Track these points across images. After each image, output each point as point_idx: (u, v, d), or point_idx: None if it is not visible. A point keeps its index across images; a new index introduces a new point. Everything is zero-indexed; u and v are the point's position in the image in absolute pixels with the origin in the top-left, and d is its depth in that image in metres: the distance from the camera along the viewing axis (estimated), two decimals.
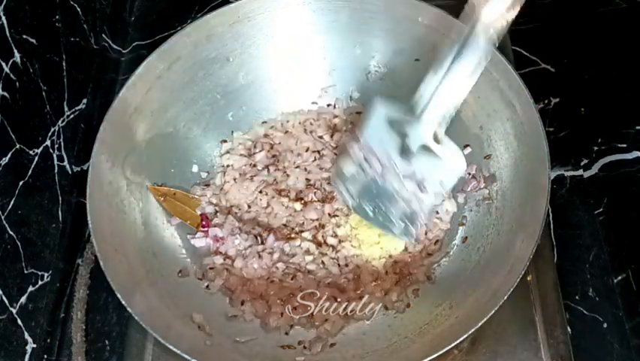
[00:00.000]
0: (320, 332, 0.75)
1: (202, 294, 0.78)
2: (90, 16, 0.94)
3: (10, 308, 0.71)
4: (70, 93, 0.86)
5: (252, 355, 0.72)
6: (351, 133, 0.86)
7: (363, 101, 0.91)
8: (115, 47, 1.03)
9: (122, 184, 0.76)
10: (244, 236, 0.81)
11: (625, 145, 0.85)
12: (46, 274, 0.79)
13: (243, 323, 0.77)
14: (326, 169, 0.86)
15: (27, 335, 0.74)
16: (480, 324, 0.63)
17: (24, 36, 0.75)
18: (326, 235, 0.81)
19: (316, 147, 0.88)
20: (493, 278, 0.70)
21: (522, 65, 0.96)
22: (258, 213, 0.84)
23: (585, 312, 0.80)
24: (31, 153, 0.76)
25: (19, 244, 0.73)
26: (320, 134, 0.89)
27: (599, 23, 0.98)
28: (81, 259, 0.85)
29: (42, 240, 0.78)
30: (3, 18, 0.70)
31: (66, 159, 0.85)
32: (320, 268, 0.80)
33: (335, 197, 0.83)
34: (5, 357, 0.70)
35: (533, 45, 0.99)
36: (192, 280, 0.79)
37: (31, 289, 0.75)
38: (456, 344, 0.63)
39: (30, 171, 0.76)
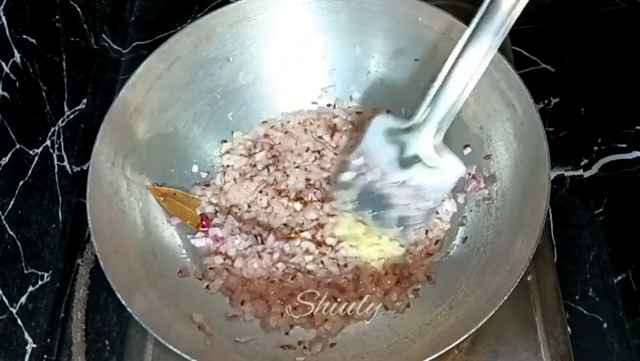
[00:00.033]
0: (320, 332, 0.75)
1: (202, 294, 0.78)
2: (90, 16, 0.94)
3: (10, 308, 0.71)
4: (70, 93, 0.86)
5: (252, 355, 0.72)
6: (351, 134, 0.88)
7: (363, 101, 0.91)
8: (115, 47, 1.03)
9: (122, 184, 0.76)
10: (244, 236, 0.81)
11: (625, 145, 0.85)
12: (46, 274, 0.79)
13: (243, 323, 0.77)
14: (326, 169, 0.87)
15: (27, 335, 0.74)
16: (480, 324, 0.63)
17: (24, 36, 0.74)
18: (325, 234, 0.82)
19: (316, 147, 0.88)
20: (493, 278, 0.70)
21: (522, 65, 0.96)
22: (257, 213, 0.84)
23: (585, 312, 0.80)
24: (31, 153, 0.76)
25: (19, 244, 0.73)
26: (320, 135, 0.89)
27: (599, 23, 0.98)
28: (81, 259, 0.85)
29: (42, 240, 0.78)
30: (3, 18, 0.70)
31: (66, 159, 0.85)
32: (320, 268, 0.80)
33: (334, 197, 0.83)
34: (5, 357, 0.70)
35: (533, 45, 0.99)
36: (192, 280, 0.79)
37: (31, 289, 0.75)
38: (456, 344, 0.63)
39: (30, 171, 0.76)
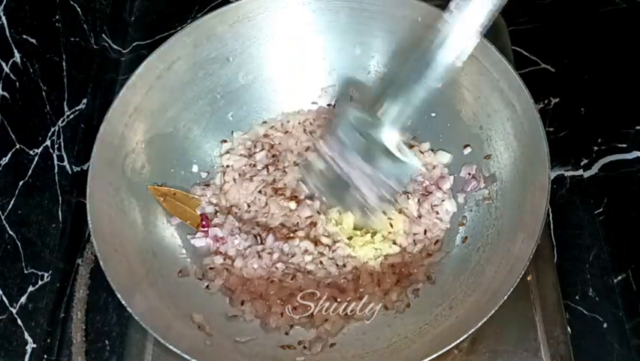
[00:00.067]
0: (320, 332, 0.75)
1: (202, 294, 0.78)
2: (90, 16, 0.94)
3: (10, 308, 0.71)
4: (70, 93, 0.86)
5: (252, 355, 0.72)
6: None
7: (363, 101, 0.90)
8: (115, 47, 1.03)
9: (122, 184, 0.76)
10: (244, 236, 0.81)
11: (625, 145, 0.85)
12: (46, 274, 0.79)
13: (243, 323, 0.77)
14: None
15: (27, 335, 0.74)
16: (480, 324, 0.63)
17: (24, 36, 0.75)
18: (318, 233, 0.81)
19: None
20: (493, 278, 0.70)
21: (522, 65, 0.96)
22: (256, 213, 0.84)
23: (585, 312, 0.80)
24: (31, 153, 0.76)
25: (19, 244, 0.73)
26: (320, 134, 0.89)
27: (599, 23, 0.98)
28: (81, 259, 0.85)
29: (42, 240, 0.78)
30: (3, 18, 0.70)
31: (66, 159, 0.85)
32: (319, 268, 0.80)
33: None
34: (5, 357, 0.70)
35: (533, 45, 0.99)
36: (192, 280, 0.79)
37: (31, 289, 0.75)
38: (456, 344, 0.63)
39: (30, 171, 0.76)
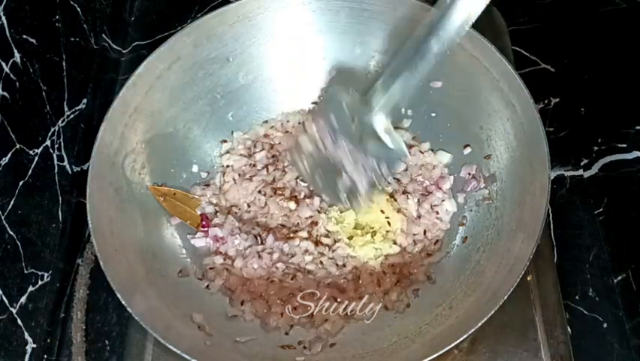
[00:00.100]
0: (320, 332, 0.75)
1: (202, 294, 0.78)
2: (90, 16, 0.94)
3: (10, 308, 0.71)
4: (70, 93, 0.86)
5: (252, 355, 0.72)
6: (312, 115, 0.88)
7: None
8: (115, 47, 1.03)
9: (122, 184, 0.76)
10: (244, 236, 0.81)
11: (625, 145, 0.85)
12: (46, 274, 0.79)
13: (243, 323, 0.77)
14: None
15: (27, 335, 0.74)
16: (480, 324, 0.63)
17: (24, 36, 0.74)
18: (319, 232, 0.82)
19: None
20: (493, 278, 0.70)
21: (522, 65, 0.96)
22: (256, 213, 0.84)
23: (585, 312, 0.80)
24: (31, 153, 0.76)
25: (19, 244, 0.73)
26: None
27: (599, 23, 0.98)
28: (81, 259, 0.85)
29: (42, 240, 0.78)
30: (3, 18, 0.70)
31: (66, 159, 0.85)
32: (319, 268, 0.80)
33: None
34: (5, 357, 0.70)
35: (533, 45, 0.99)
36: (192, 280, 0.79)
37: (31, 289, 0.75)
38: (456, 344, 0.63)
39: (30, 171, 0.76)
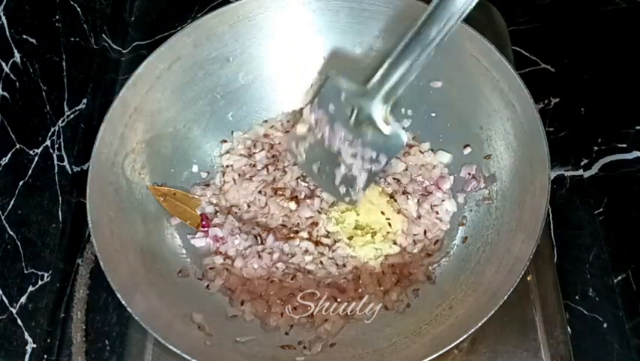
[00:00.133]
0: (320, 332, 0.75)
1: (202, 294, 0.78)
2: (90, 16, 0.94)
3: (10, 308, 0.71)
4: (70, 93, 0.86)
5: (252, 355, 0.72)
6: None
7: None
8: (115, 47, 1.03)
9: (122, 184, 0.76)
10: (244, 236, 0.81)
11: (625, 145, 0.85)
12: (46, 274, 0.79)
13: (243, 323, 0.77)
14: None
15: (27, 335, 0.74)
16: (480, 324, 0.63)
17: (24, 36, 0.75)
18: (320, 232, 0.82)
19: None
20: (493, 278, 0.70)
21: (522, 65, 0.96)
22: (256, 213, 0.85)
23: (585, 312, 0.80)
24: (31, 153, 0.76)
25: (19, 244, 0.73)
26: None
27: (599, 23, 0.98)
28: (81, 259, 0.85)
29: (42, 240, 0.78)
30: (3, 18, 0.70)
31: (66, 159, 0.85)
32: (319, 268, 0.80)
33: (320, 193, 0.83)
34: (5, 357, 0.70)
35: (533, 45, 0.99)
36: (192, 280, 0.79)
37: (31, 289, 0.75)
38: (456, 344, 0.63)
39: (30, 171, 0.76)
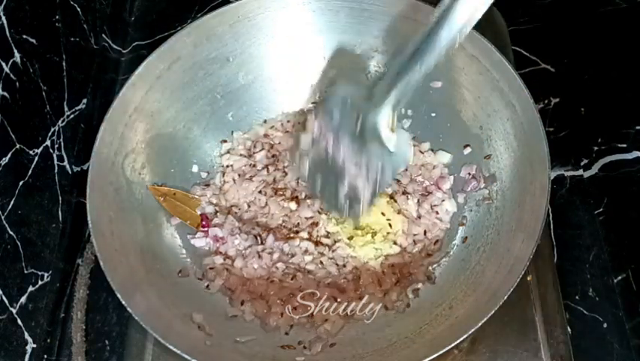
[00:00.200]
0: (320, 332, 0.75)
1: (202, 294, 0.78)
2: (90, 16, 0.94)
3: (10, 308, 0.71)
4: (70, 93, 0.86)
5: (252, 355, 0.72)
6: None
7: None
8: (115, 47, 1.03)
9: (122, 184, 0.76)
10: (244, 236, 0.81)
11: (625, 145, 0.85)
12: (46, 274, 0.79)
13: (243, 323, 0.77)
14: None
15: (27, 335, 0.74)
16: (480, 324, 0.63)
17: (24, 36, 0.74)
18: (320, 233, 0.82)
19: None
20: (493, 278, 0.70)
21: (522, 65, 0.96)
22: (256, 213, 0.85)
23: (585, 312, 0.80)
24: (31, 153, 0.76)
25: (19, 244, 0.73)
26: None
27: (599, 23, 0.98)
28: (81, 259, 0.85)
29: (42, 240, 0.78)
30: (3, 18, 0.70)
31: (66, 159, 0.85)
32: (319, 268, 0.80)
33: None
34: (5, 357, 0.70)
35: (533, 45, 0.99)
36: (192, 280, 0.79)
37: (31, 289, 0.75)
38: (456, 344, 0.63)
39: (30, 171, 0.76)
